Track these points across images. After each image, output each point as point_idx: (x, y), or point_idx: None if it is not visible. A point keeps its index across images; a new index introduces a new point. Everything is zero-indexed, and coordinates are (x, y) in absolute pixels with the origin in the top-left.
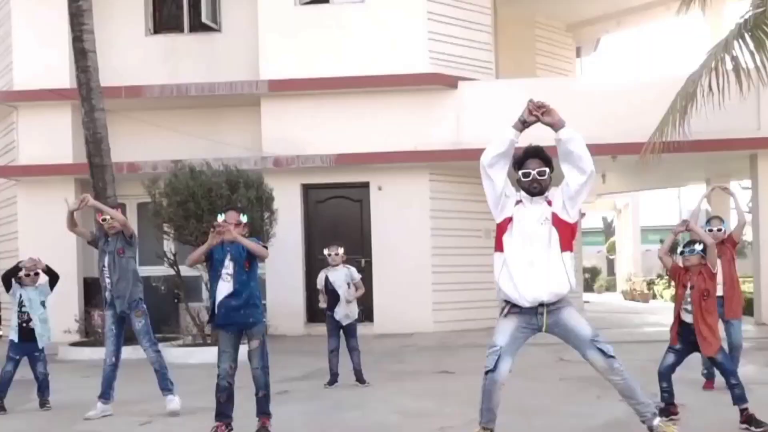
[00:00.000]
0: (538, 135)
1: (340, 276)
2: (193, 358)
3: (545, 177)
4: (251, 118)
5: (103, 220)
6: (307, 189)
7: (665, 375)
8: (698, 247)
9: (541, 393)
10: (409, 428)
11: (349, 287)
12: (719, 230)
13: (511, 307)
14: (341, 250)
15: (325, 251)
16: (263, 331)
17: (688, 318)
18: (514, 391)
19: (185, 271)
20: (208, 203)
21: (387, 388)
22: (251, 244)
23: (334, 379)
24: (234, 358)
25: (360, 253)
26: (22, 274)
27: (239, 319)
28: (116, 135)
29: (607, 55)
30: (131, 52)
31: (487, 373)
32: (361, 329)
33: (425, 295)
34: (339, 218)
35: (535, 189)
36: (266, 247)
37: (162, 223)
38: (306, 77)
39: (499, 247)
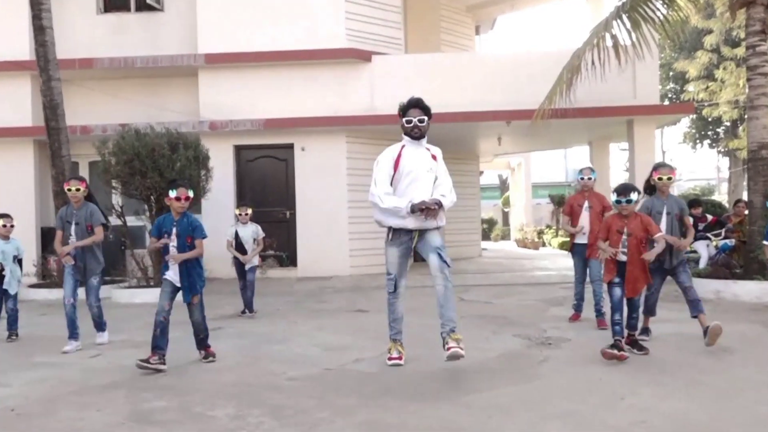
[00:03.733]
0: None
1: (248, 232)
2: (138, 299)
3: (424, 124)
4: (190, 87)
5: (68, 189)
6: (238, 149)
7: (618, 307)
8: (634, 196)
9: None
10: (328, 359)
11: (254, 242)
12: (589, 179)
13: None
14: (250, 210)
15: (236, 211)
16: (202, 290)
17: (623, 258)
18: (420, 327)
19: (131, 221)
20: (151, 162)
21: (308, 325)
22: (188, 255)
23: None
24: (172, 298)
25: (285, 206)
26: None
27: (183, 282)
28: (70, 101)
29: (503, 32)
30: (84, 29)
31: (390, 293)
32: (286, 273)
33: (342, 242)
34: (267, 175)
35: (416, 134)
36: (205, 237)
37: (110, 179)
38: (239, 51)
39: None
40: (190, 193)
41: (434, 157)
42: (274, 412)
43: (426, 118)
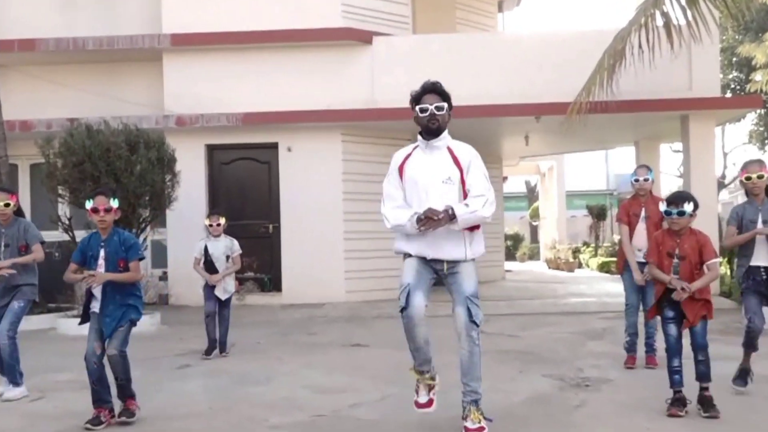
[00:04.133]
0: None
1: (220, 247)
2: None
3: (443, 112)
4: (153, 74)
5: None
6: (211, 150)
7: (675, 349)
8: (688, 207)
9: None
10: (319, 404)
11: (227, 260)
12: (645, 180)
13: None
14: (223, 220)
15: (206, 221)
16: (135, 322)
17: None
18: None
19: (81, 236)
20: (105, 164)
21: (295, 362)
22: (118, 277)
23: (212, 346)
24: (102, 337)
25: (267, 218)
26: None
27: (113, 314)
28: (8, 91)
29: (530, 9)
30: (25, 3)
31: (401, 311)
32: (268, 299)
33: (337, 263)
34: (245, 181)
35: (434, 125)
36: (142, 258)
37: (56, 186)
38: (211, 31)
39: None
40: (114, 203)
41: (457, 161)
42: None
43: (445, 105)
